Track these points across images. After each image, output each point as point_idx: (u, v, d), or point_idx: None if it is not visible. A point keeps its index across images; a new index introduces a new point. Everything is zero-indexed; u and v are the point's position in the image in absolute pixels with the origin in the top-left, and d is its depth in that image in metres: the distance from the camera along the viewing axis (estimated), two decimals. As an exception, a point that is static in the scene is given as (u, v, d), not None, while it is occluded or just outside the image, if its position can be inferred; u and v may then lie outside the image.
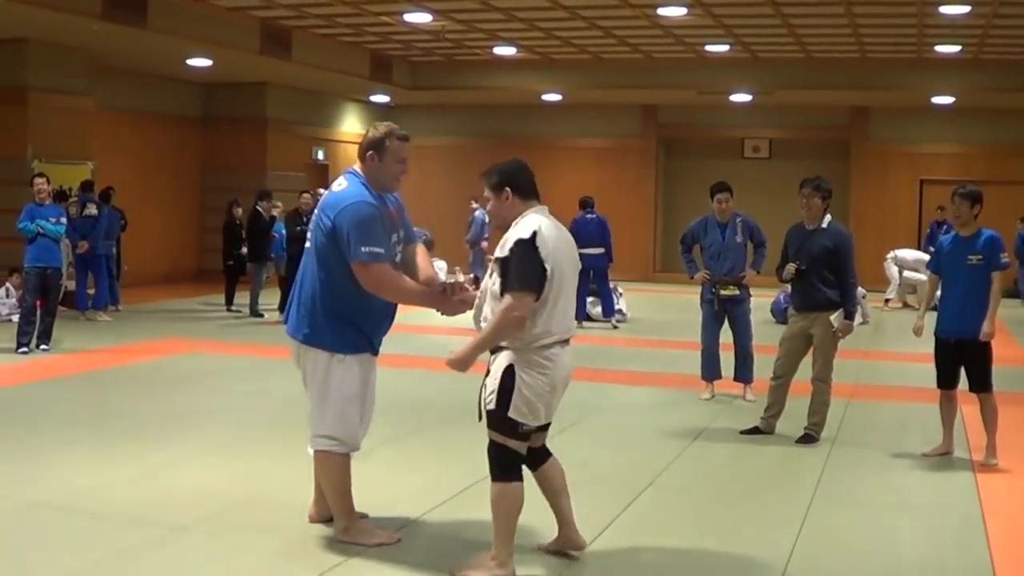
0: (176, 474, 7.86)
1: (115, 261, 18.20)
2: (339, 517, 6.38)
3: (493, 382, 5.68)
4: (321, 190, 19.83)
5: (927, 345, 9.10)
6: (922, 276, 20.46)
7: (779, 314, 18.49)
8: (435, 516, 6.97)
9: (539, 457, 6.03)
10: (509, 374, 5.62)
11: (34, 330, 13.63)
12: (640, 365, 13.88)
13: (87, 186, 17.57)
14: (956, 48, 20.95)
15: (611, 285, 18.84)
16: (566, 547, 6.17)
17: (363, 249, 5.95)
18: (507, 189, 5.81)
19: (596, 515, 7.03)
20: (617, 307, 18.78)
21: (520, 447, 5.74)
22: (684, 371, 12.74)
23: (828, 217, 9.46)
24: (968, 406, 9.12)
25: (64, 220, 13.91)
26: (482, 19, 19.56)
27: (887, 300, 21.78)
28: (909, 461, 8.82)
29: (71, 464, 8.11)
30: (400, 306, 6.36)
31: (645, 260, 28.12)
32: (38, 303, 13.66)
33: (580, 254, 18.35)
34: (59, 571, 5.81)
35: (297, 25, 20.42)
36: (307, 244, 6.29)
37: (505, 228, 5.82)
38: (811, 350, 9.47)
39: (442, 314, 6.27)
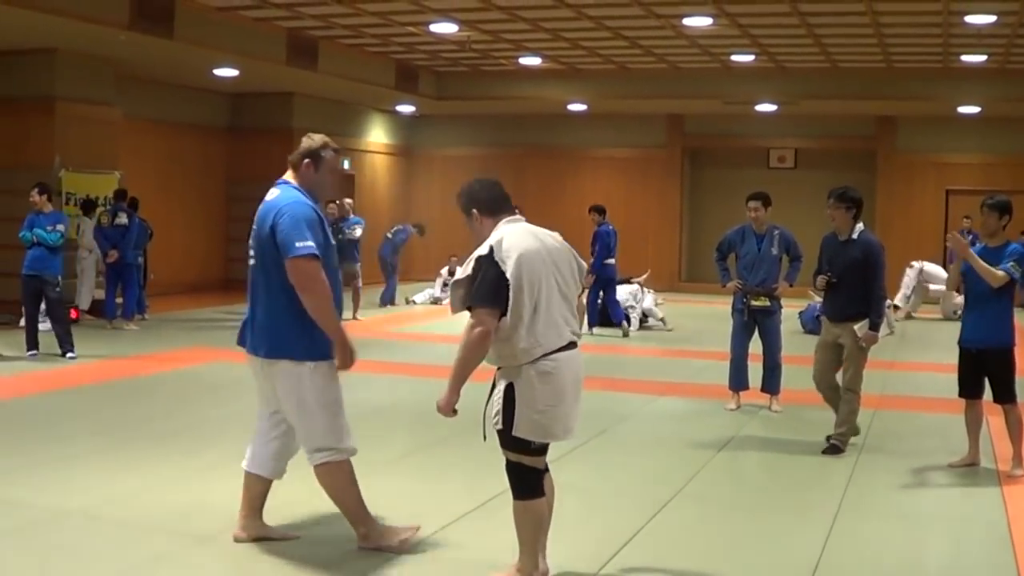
0: (203, 483, 7.89)
1: (142, 270, 18.30)
2: (356, 524, 6.35)
3: (497, 402, 5.57)
4: (347, 200, 20.04)
5: (952, 355, 9.07)
6: (942, 287, 20.53)
7: (809, 324, 18.49)
8: (458, 528, 6.98)
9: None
10: (510, 392, 5.51)
11: (35, 333, 13.96)
12: (666, 375, 13.87)
13: (120, 195, 17.69)
14: (982, 57, 20.90)
15: (652, 297, 19.23)
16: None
17: (297, 244, 5.90)
18: (474, 211, 5.73)
19: (622, 525, 7.04)
20: (654, 306, 19.15)
21: (536, 462, 5.62)
22: (710, 381, 12.72)
23: (860, 227, 9.43)
24: (994, 417, 9.08)
25: (61, 227, 14.06)
26: (508, 29, 19.60)
27: (895, 306, 21.55)
28: (935, 472, 8.79)
29: (98, 473, 8.15)
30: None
31: (671, 269, 28.08)
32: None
33: (606, 264, 18.58)
34: (87, 579, 5.84)
35: (323, 35, 20.50)
36: (251, 262, 6.20)
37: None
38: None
39: (337, 355, 6.09)
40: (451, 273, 23.45)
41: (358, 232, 19.15)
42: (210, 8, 17.66)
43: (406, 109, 27.93)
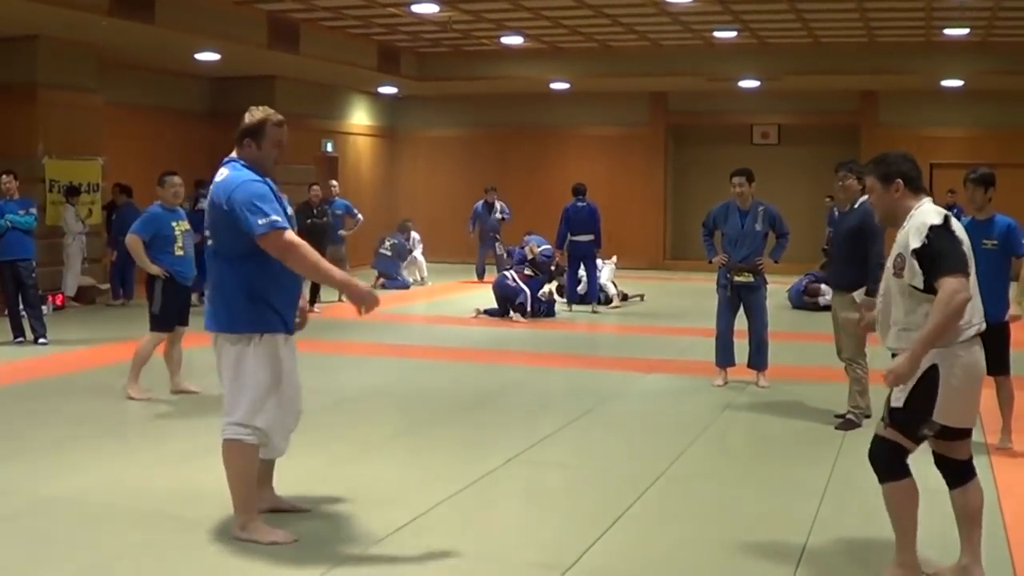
0: (192, 467, 7.87)
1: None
2: (238, 512, 6.25)
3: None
4: (333, 182, 20.10)
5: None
6: None
7: (796, 299, 18.53)
8: (447, 507, 6.98)
9: (964, 473, 5.61)
10: (932, 374, 5.27)
11: (19, 319, 13.97)
12: (653, 352, 13.88)
13: (200, 184, 17.94)
14: (964, 31, 20.92)
15: (608, 271, 19.18)
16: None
17: (260, 223, 5.90)
18: (898, 181, 5.49)
19: (611, 503, 7.05)
20: (608, 282, 19.11)
21: (911, 446, 5.43)
22: (697, 358, 12.74)
23: (862, 199, 9.41)
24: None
25: (34, 211, 14.14)
26: (489, 9, 19.57)
27: None
28: (924, 444, 8.79)
29: (87, 459, 8.13)
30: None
31: (655, 247, 28.13)
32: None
33: (572, 241, 18.91)
34: (76, 565, 5.82)
35: (304, 18, 20.45)
36: (208, 243, 6.20)
37: (891, 222, 5.59)
38: None
39: (353, 302, 5.95)
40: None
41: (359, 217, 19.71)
42: (190, -8, 17.63)
43: (388, 90, 27.85)
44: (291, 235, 5.97)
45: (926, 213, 5.39)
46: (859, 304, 9.23)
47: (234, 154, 6.37)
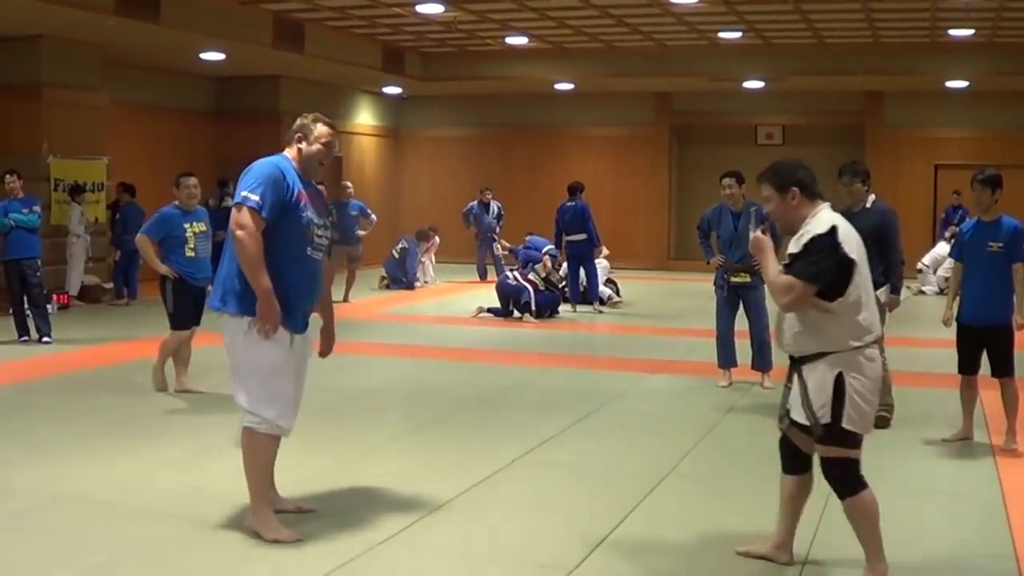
0: (198, 467, 7.88)
1: (138, 255, 18.37)
2: (251, 500, 6.31)
3: (823, 395, 5.42)
4: (348, 183, 20.24)
5: (946, 330, 9.08)
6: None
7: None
8: (453, 507, 6.98)
9: (805, 466, 5.81)
10: (839, 383, 5.39)
11: (24, 318, 14.00)
12: (658, 352, 13.87)
13: (223, 183, 17.91)
14: (970, 32, 20.86)
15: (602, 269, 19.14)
16: (774, 556, 5.99)
17: (242, 193, 6.02)
18: (794, 189, 5.64)
19: (617, 503, 7.04)
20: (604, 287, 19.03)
21: (858, 455, 5.51)
22: (702, 359, 12.72)
23: (872, 197, 9.39)
24: (986, 391, 9.09)
25: (37, 209, 14.14)
26: (494, 9, 19.55)
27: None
28: (929, 446, 8.81)
29: (91, 458, 8.13)
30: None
31: (660, 248, 28.10)
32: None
33: (567, 242, 18.93)
34: (81, 565, 5.81)
35: (309, 18, 20.43)
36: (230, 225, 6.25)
37: (789, 230, 5.68)
38: None
39: (258, 314, 6.03)
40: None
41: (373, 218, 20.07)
42: (195, -9, 17.62)
43: (393, 91, 27.84)
44: (250, 219, 5.99)
45: (817, 222, 5.52)
46: (884, 303, 9.19)
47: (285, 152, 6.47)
